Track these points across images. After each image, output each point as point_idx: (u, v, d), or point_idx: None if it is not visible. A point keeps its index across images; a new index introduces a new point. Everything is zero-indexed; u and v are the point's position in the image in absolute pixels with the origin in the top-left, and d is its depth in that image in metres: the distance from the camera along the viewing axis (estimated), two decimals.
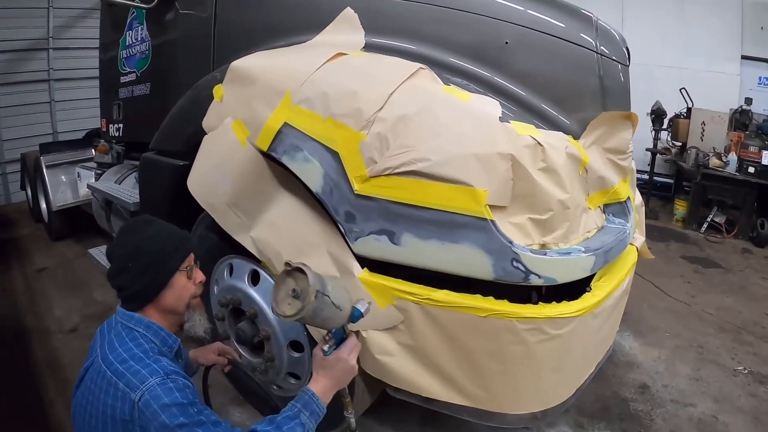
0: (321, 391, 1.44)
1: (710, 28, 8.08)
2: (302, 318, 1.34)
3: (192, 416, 1.24)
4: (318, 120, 1.69)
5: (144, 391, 1.23)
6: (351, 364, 1.49)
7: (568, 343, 1.68)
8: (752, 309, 4.15)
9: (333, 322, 1.43)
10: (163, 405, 1.22)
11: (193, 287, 1.52)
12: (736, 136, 6.52)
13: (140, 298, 1.43)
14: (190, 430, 1.22)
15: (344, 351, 1.49)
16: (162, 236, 1.47)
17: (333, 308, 1.38)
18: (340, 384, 1.50)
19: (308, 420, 1.38)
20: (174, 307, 1.48)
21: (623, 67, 2.24)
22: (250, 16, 2.38)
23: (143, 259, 1.40)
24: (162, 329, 1.44)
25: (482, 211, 1.53)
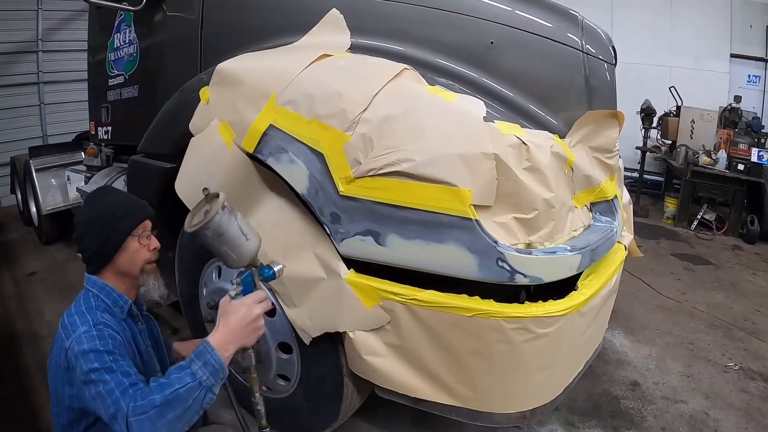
0: (218, 340, 1.36)
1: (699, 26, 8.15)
2: (206, 230, 1.32)
3: (105, 362, 1.31)
4: (303, 121, 1.69)
5: (73, 339, 1.36)
6: (254, 313, 1.41)
7: (555, 342, 1.68)
8: (742, 305, 4.18)
9: (238, 251, 1.39)
10: (82, 351, 1.32)
11: (147, 253, 1.59)
12: (725, 134, 6.58)
13: (97, 260, 1.54)
14: (101, 375, 1.29)
15: (249, 298, 1.43)
16: (117, 203, 1.59)
17: (238, 232, 1.36)
18: (241, 338, 1.39)
19: (200, 370, 1.30)
20: (128, 269, 1.56)
21: (609, 66, 2.25)
22: (237, 18, 2.38)
23: (99, 223, 1.52)
24: (114, 290, 1.54)
25: (467, 211, 1.53)
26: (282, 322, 1.93)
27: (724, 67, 8.20)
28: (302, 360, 1.97)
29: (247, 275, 1.47)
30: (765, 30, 8.11)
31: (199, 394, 1.29)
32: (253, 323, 1.41)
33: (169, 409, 1.24)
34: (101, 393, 1.28)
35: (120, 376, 1.30)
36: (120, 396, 1.26)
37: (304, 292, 1.79)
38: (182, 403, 1.26)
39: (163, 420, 1.24)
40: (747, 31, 8.15)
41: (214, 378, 1.32)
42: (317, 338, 1.81)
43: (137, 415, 1.23)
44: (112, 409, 1.26)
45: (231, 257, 1.40)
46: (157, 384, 1.29)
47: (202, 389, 1.29)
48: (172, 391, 1.25)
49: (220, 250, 1.38)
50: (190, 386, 1.27)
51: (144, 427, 1.23)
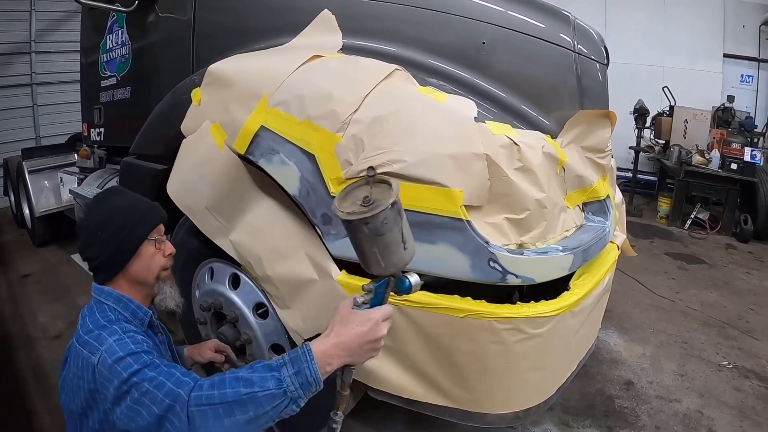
0: (323, 350, 1.14)
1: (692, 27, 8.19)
2: (364, 225, 1.08)
3: (145, 361, 1.18)
4: (294, 123, 1.69)
5: (102, 352, 1.21)
6: (380, 332, 1.17)
7: (547, 342, 1.68)
8: (736, 304, 4.21)
9: (390, 258, 1.14)
10: (118, 358, 1.18)
11: (163, 259, 1.48)
12: (718, 134, 6.61)
13: (109, 268, 1.41)
14: (143, 374, 1.15)
15: (377, 313, 1.18)
16: (130, 206, 1.45)
17: (399, 237, 1.13)
18: (353, 355, 1.16)
19: (290, 378, 1.10)
20: (143, 277, 1.44)
21: (601, 66, 2.25)
22: (229, 19, 2.37)
23: (111, 228, 1.39)
24: (132, 301, 1.41)
25: (458, 212, 1.53)
26: (274, 324, 1.92)
27: (717, 67, 8.25)
28: None
29: (383, 283, 1.22)
30: (758, 30, 8.17)
31: (279, 404, 1.11)
32: (374, 343, 1.18)
33: (241, 410, 1.09)
34: (148, 391, 1.13)
35: (167, 368, 1.18)
36: (174, 386, 1.12)
37: (296, 294, 1.78)
38: (257, 409, 1.09)
39: (231, 419, 1.09)
40: (740, 31, 8.21)
41: (304, 391, 1.12)
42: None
43: (201, 405, 1.08)
44: (166, 401, 1.10)
45: (377, 262, 1.15)
46: (234, 377, 1.13)
47: (285, 400, 1.11)
48: (250, 392, 1.09)
49: (369, 251, 1.13)
50: (272, 393, 1.10)
51: (208, 419, 1.08)
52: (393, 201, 1.09)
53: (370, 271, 1.18)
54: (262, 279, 1.86)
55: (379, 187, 1.15)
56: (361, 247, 1.15)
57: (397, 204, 1.11)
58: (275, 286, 1.82)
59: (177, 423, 1.09)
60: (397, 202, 1.11)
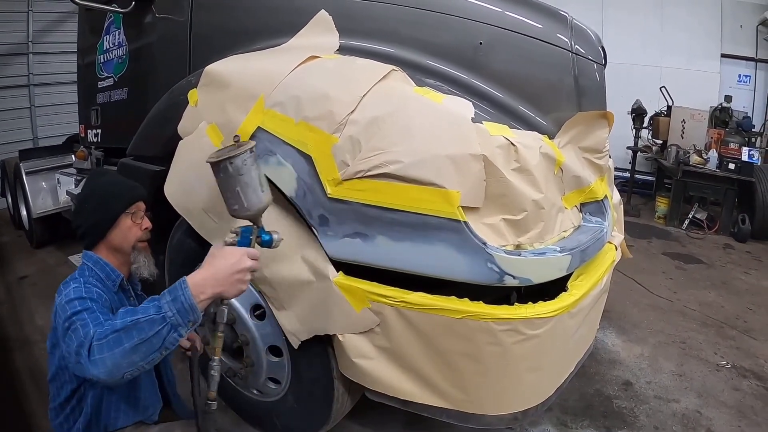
0: (196, 280, 1.27)
1: (690, 27, 8.20)
2: (228, 164, 1.36)
3: (87, 305, 1.37)
4: (291, 123, 1.69)
5: (63, 294, 1.42)
6: (244, 263, 1.33)
7: (545, 343, 1.68)
8: (734, 303, 4.21)
9: (249, 198, 1.40)
10: (69, 300, 1.38)
11: (140, 231, 1.67)
12: (716, 134, 6.63)
13: (91, 235, 1.63)
14: (81, 316, 1.33)
15: (242, 249, 1.37)
16: (112, 183, 1.70)
17: (256, 180, 1.41)
18: (223, 285, 1.30)
19: (168, 305, 1.23)
20: (120, 245, 1.63)
21: (599, 66, 2.25)
22: (226, 20, 2.37)
23: (95, 200, 1.63)
24: (107, 264, 1.62)
25: (455, 213, 1.53)
26: (271, 326, 1.92)
27: (715, 67, 8.26)
28: (292, 363, 1.96)
29: (247, 228, 1.46)
30: (755, 30, 8.18)
31: (161, 330, 1.22)
32: (239, 274, 1.33)
33: (127, 337, 1.21)
34: (76, 329, 1.29)
35: (99, 315, 1.34)
36: (92, 327, 1.28)
37: (293, 295, 1.78)
38: (140, 333, 1.21)
39: (120, 347, 1.21)
40: (737, 31, 8.22)
41: (182, 318, 1.23)
42: (307, 341, 1.80)
43: (99, 339, 1.23)
44: (81, 338, 1.26)
45: (240, 201, 1.41)
46: (123, 311, 1.30)
47: (166, 325, 1.22)
48: (134, 319, 1.23)
49: (232, 190, 1.39)
50: (152, 318, 1.22)
51: (102, 351, 1.22)
52: (251, 147, 1.40)
53: (234, 213, 1.44)
54: (258, 280, 1.85)
55: (242, 146, 1.41)
56: (226, 187, 1.41)
57: (254, 153, 1.42)
58: (272, 287, 1.82)
59: (83, 356, 1.23)
60: (254, 151, 1.42)
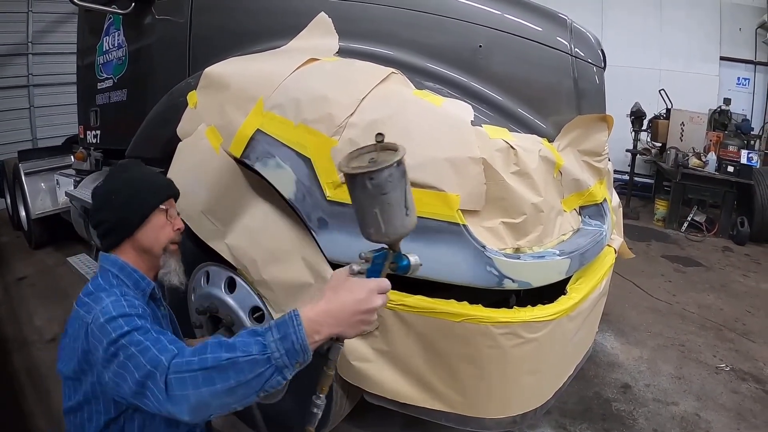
0: (311, 316, 1.06)
1: (689, 30, 8.22)
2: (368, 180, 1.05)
3: (137, 324, 1.16)
4: (290, 126, 1.68)
5: (97, 311, 1.20)
6: (374, 303, 1.10)
7: (544, 347, 1.68)
8: (733, 306, 4.21)
9: (391, 221, 1.09)
10: (110, 318, 1.17)
11: (172, 232, 1.48)
12: (715, 136, 6.63)
13: (117, 233, 1.41)
14: (132, 337, 1.12)
15: (373, 283, 1.11)
16: (145, 176, 1.50)
17: (402, 199, 1.09)
18: (344, 325, 1.08)
19: (275, 344, 1.02)
20: (150, 246, 1.43)
21: (598, 69, 2.26)
22: (225, 22, 2.37)
23: (125, 193, 1.41)
24: (136, 271, 1.41)
25: (454, 216, 1.53)
26: None
27: (714, 70, 8.27)
28: None
29: (381, 254, 1.17)
30: (754, 33, 8.19)
31: (264, 372, 1.02)
32: (366, 315, 1.10)
33: (221, 377, 1.01)
34: (133, 355, 1.09)
35: (156, 334, 1.13)
36: (158, 353, 1.07)
37: (292, 297, 1.78)
38: (238, 376, 1.01)
39: (210, 387, 1.01)
40: (736, 33, 8.23)
41: (290, 359, 1.03)
42: None
43: (180, 372, 1.02)
44: (147, 367, 1.05)
45: (377, 224, 1.10)
46: (217, 342, 1.06)
47: (270, 369, 1.02)
48: (231, 357, 1.02)
49: (370, 211, 1.09)
50: (255, 359, 1.02)
51: (186, 387, 1.02)
52: (399, 159, 1.07)
53: (369, 237, 1.13)
54: (258, 283, 1.85)
55: (386, 152, 1.12)
56: (362, 207, 1.11)
57: (403, 165, 1.09)
58: (271, 289, 1.81)
59: (155, 390, 1.04)
60: (403, 163, 1.09)
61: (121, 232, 1.41)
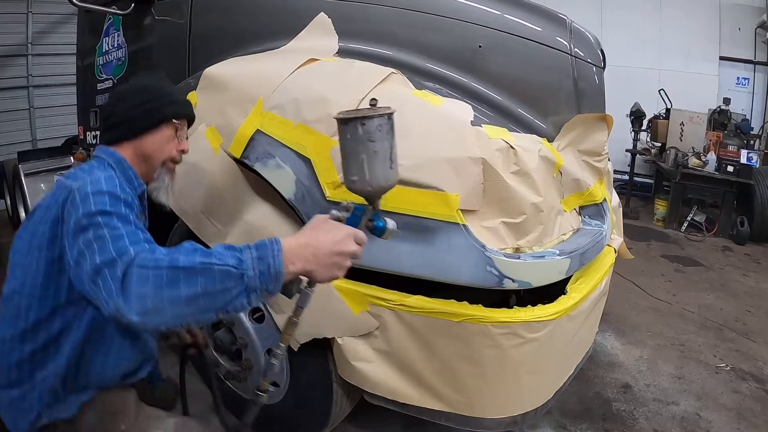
0: (292, 246, 1.04)
1: (688, 29, 8.21)
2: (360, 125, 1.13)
3: (120, 210, 1.10)
4: (290, 126, 1.69)
5: (86, 180, 1.15)
6: (349, 247, 1.09)
7: (544, 347, 1.68)
8: (733, 306, 4.20)
9: (374, 170, 1.17)
10: (98, 191, 1.12)
11: (176, 150, 1.46)
12: (714, 136, 6.62)
13: (124, 129, 1.38)
14: (110, 220, 1.07)
15: (352, 229, 1.13)
16: (170, 89, 1.51)
17: (388, 151, 1.17)
18: (318, 263, 1.06)
19: (252, 262, 0.98)
20: (151, 154, 1.40)
21: (598, 69, 2.26)
22: (225, 23, 2.37)
23: (147, 95, 1.41)
24: (131, 168, 1.37)
25: (454, 216, 1.53)
26: (270, 328, 1.91)
27: (713, 70, 8.26)
28: (291, 366, 1.96)
29: (361, 207, 1.24)
30: (753, 33, 8.18)
31: (231, 288, 0.97)
32: (340, 257, 1.08)
33: (188, 281, 0.95)
34: (102, 237, 1.03)
35: (135, 228, 1.07)
36: (129, 244, 1.01)
37: None
38: (206, 284, 0.95)
39: (172, 290, 0.94)
40: (736, 33, 8.22)
41: (261, 283, 0.99)
42: (306, 344, 1.79)
43: (145, 267, 0.96)
44: (112, 254, 0.99)
45: (362, 172, 1.17)
46: (193, 247, 1.00)
47: (239, 286, 0.97)
48: (207, 261, 0.96)
49: (356, 157, 1.17)
50: (229, 271, 0.96)
51: (145, 284, 0.94)
52: (390, 113, 1.17)
53: (352, 185, 1.21)
54: None
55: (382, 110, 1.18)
56: (350, 153, 1.19)
57: (392, 121, 1.18)
58: None
59: (110, 279, 0.96)
60: (393, 119, 1.18)
61: (128, 129, 1.38)
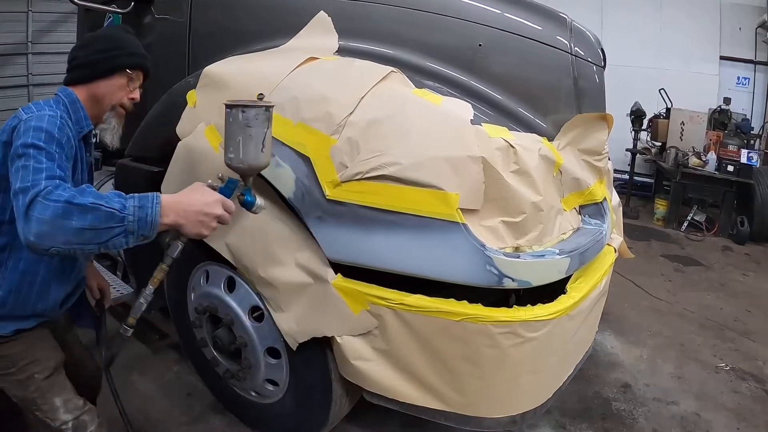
0: (167, 201, 1.28)
1: (689, 29, 8.21)
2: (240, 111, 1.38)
3: (51, 148, 1.28)
4: (289, 125, 1.68)
5: (34, 115, 1.34)
6: (215, 210, 1.35)
7: (544, 346, 1.68)
8: (733, 305, 4.21)
9: (247, 152, 1.41)
10: (38, 126, 1.30)
11: (126, 98, 1.62)
12: (715, 136, 6.62)
13: (83, 71, 1.56)
14: (39, 154, 1.25)
15: (221, 196, 1.40)
16: (132, 42, 1.64)
17: (261, 138, 1.41)
18: (187, 218, 1.31)
19: (133, 209, 1.21)
20: (101, 96, 1.57)
21: (598, 68, 2.25)
22: (225, 21, 2.36)
23: (108, 42, 1.58)
24: (83, 109, 1.55)
25: (454, 215, 1.52)
26: (270, 327, 1.91)
27: (714, 69, 8.26)
28: (291, 365, 1.95)
29: (234, 180, 1.48)
30: (754, 32, 8.18)
31: (112, 227, 1.19)
32: (206, 217, 1.34)
33: (80, 216, 1.15)
34: (27, 167, 1.21)
35: (56, 167, 1.25)
36: (45, 178, 1.20)
37: (291, 297, 1.77)
38: (94, 220, 1.16)
39: (66, 221, 1.14)
40: (736, 33, 8.22)
41: (139, 227, 1.22)
42: (305, 343, 1.79)
43: (47, 199, 1.14)
44: (28, 182, 1.18)
45: (237, 150, 1.42)
46: (90, 190, 1.21)
47: (120, 227, 1.19)
48: (96, 202, 1.17)
49: (234, 139, 1.41)
50: (113, 213, 1.18)
51: (45, 212, 1.13)
52: (268, 105, 1.42)
53: (229, 161, 1.45)
54: (257, 282, 1.85)
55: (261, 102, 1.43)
56: (230, 134, 1.42)
57: (270, 113, 1.44)
58: (271, 289, 1.81)
59: (20, 204, 1.16)
60: (270, 112, 1.44)
61: (85, 72, 1.56)
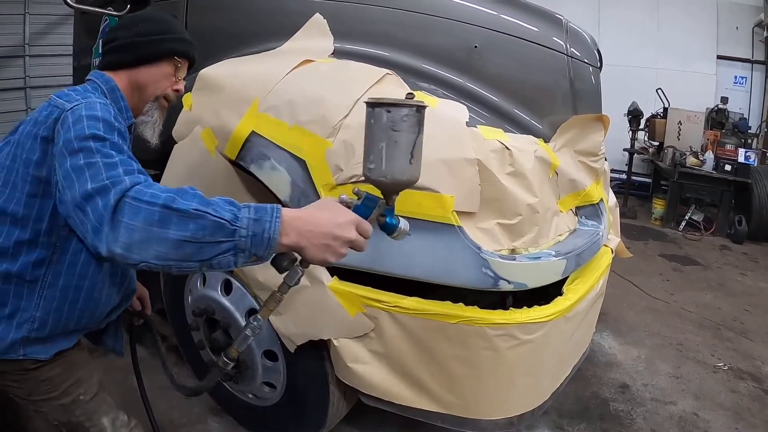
0: (291, 217, 1.01)
1: (686, 28, 8.23)
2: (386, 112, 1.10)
3: (114, 138, 1.06)
4: (285, 128, 1.68)
5: (82, 103, 1.11)
6: (344, 232, 1.03)
7: (540, 348, 1.68)
8: (731, 305, 4.21)
9: (392, 161, 1.12)
10: (93, 116, 1.08)
11: (171, 89, 1.41)
12: (712, 135, 6.62)
13: (125, 54, 1.32)
14: (103, 146, 1.03)
15: (357, 217, 1.08)
16: (181, 29, 1.43)
17: (410, 145, 1.12)
18: (313, 240, 1.01)
19: (248, 222, 0.96)
20: (144, 85, 1.35)
21: (594, 69, 2.26)
22: (221, 24, 2.36)
23: (156, 26, 1.35)
24: (124, 98, 1.32)
25: (449, 218, 1.52)
26: (267, 330, 1.91)
27: (711, 69, 8.28)
28: (288, 368, 1.95)
29: (374, 199, 1.17)
30: (751, 31, 8.20)
31: (220, 242, 0.94)
32: (336, 241, 1.03)
33: (179, 224, 0.92)
34: (95, 164, 0.99)
35: (129, 159, 1.04)
36: (124, 173, 0.98)
37: (288, 300, 1.76)
38: (197, 231, 0.92)
39: (162, 229, 0.91)
40: (733, 32, 8.24)
41: (252, 245, 0.96)
42: (302, 346, 1.79)
43: (140, 200, 0.92)
44: (105, 182, 0.95)
45: (380, 160, 1.12)
46: (193, 192, 0.97)
47: (229, 242, 0.95)
48: (201, 209, 0.93)
49: (376, 145, 1.12)
50: (222, 224, 0.94)
51: (136, 218, 0.91)
52: (420, 106, 1.12)
53: (369, 173, 1.16)
54: (254, 285, 1.85)
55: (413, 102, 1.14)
56: (372, 139, 1.13)
57: (422, 115, 1.13)
58: (267, 292, 1.80)
59: (101, 206, 0.93)
60: (422, 114, 1.13)
61: (126, 56, 1.32)
